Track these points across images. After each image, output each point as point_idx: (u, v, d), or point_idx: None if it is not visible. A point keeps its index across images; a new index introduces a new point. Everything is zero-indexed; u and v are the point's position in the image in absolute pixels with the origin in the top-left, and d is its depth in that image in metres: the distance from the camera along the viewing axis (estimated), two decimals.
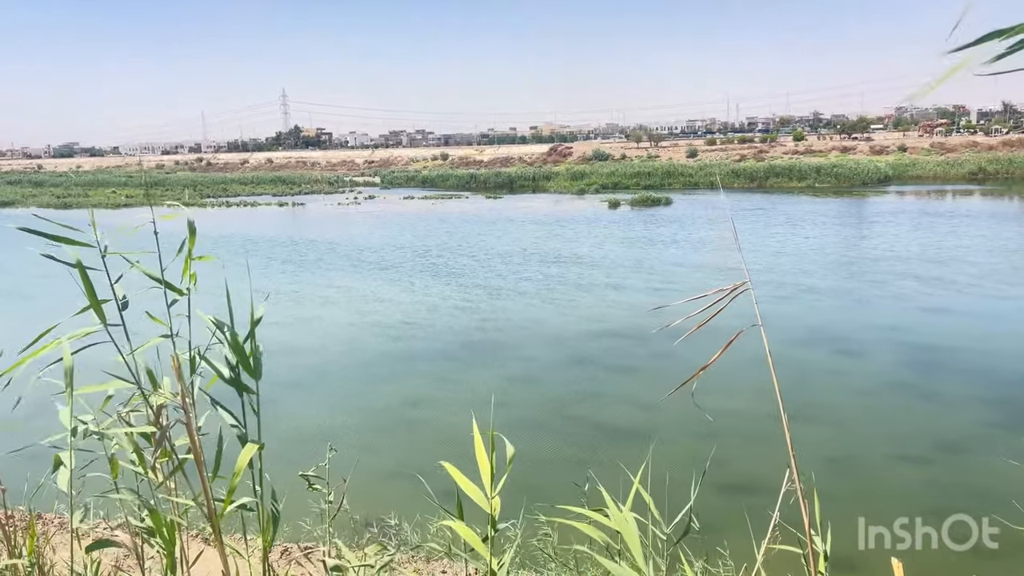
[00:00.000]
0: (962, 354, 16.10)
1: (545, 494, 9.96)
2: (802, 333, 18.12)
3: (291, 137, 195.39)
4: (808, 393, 13.94)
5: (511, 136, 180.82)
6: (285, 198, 76.04)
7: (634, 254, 31.85)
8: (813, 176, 70.72)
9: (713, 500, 9.91)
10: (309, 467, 4.92)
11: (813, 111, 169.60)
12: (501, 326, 19.62)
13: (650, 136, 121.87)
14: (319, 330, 19.81)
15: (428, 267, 29.77)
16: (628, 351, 16.96)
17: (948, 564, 7.35)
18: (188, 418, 2.51)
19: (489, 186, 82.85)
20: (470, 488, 2.57)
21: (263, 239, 40.89)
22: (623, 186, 74.34)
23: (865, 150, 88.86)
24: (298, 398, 14.50)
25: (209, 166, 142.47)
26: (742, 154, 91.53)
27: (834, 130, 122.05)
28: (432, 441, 12.21)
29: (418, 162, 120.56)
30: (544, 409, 13.61)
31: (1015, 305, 20.66)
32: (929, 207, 49.16)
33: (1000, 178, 69.20)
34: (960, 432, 12.10)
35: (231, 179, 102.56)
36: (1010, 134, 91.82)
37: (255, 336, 2.64)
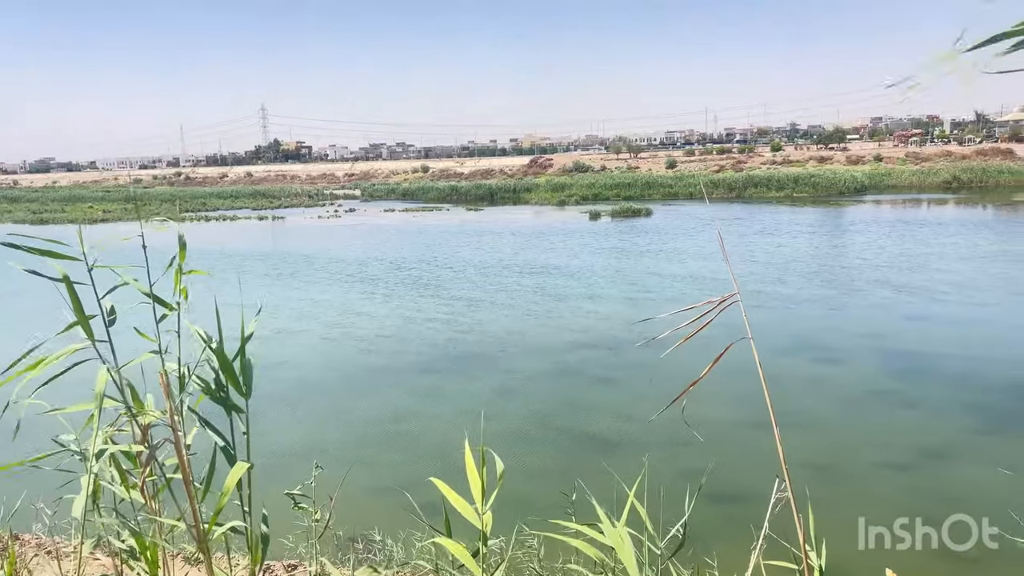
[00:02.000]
0: (942, 361, 16.26)
1: (533, 508, 9.90)
2: (784, 341, 18.23)
3: (270, 151, 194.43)
4: (791, 401, 14.01)
5: (491, 148, 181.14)
6: (265, 212, 75.59)
7: (617, 265, 31.94)
8: (791, 186, 71.44)
9: (702, 510, 9.89)
10: (293, 483, 4.86)
11: (790, 122, 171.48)
12: (483, 338, 19.57)
13: (629, 147, 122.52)
14: (298, 344, 19.66)
15: (408, 280, 29.68)
16: (611, 362, 16.98)
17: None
18: (176, 437, 2.46)
19: (470, 198, 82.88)
20: (461, 504, 2.54)
21: (240, 253, 40.60)
22: (603, 197, 74.68)
23: (842, 160, 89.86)
24: (280, 413, 14.35)
25: (188, 180, 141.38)
26: (720, 164, 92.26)
27: (811, 140, 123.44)
28: (417, 455, 12.12)
29: (398, 175, 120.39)
30: (529, 421, 13.57)
31: (991, 312, 20.93)
32: (905, 216, 49.78)
33: (974, 187, 70.30)
34: (942, 438, 12.20)
35: (210, 193, 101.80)
36: (983, 144, 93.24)
37: (245, 353, 2.59)
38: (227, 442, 2.51)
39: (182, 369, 2.56)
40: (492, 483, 2.72)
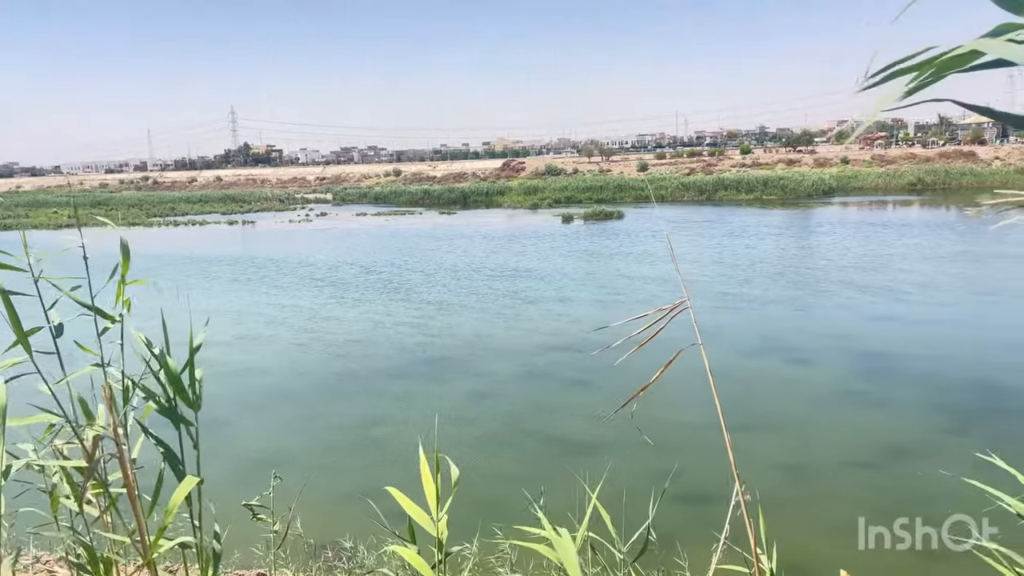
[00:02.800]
0: (908, 361, 16.51)
1: (504, 511, 9.90)
2: (753, 343, 18.41)
3: (240, 154, 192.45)
4: (761, 402, 14.14)
5: (464, 152, 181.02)
6: (235, 216, 74.79)
7: (589, 268, 32.05)
8: (760, 188, 72.25)
9: (675, 512, 9.95)
10: (262, 491, 4.79)
11: (759, 125, 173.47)
12: (453, 342, 19.52)
13: (601, 151, 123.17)
14: (266, 350, 19.46)
15: (379, 284, 29.52)
16: (581, 364, 17.00)
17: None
18: (120, 451, 2.40)
19: (443, 202, 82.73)
20: (416, 512, 2.51)
21: (209, 258, 40.11)
22: (576, 200, 74.96)
23: (809, 162, 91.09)
24: (249, 420, 14.19)
25: (156, 185, 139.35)
26: (691, 168, 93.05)
27: (780, 143, 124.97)
28: (387, 461, 12.04)
29: (370, 178, 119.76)
30: (500, 425, 13.55)
31: (955, 312, 21.32)
32: (871, 217, 50.58)
33: (937, 188, 71.71)
34: (910, 438, 12.37)
35: (179, 198, 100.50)
36: (946, 146, 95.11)
37: (194, 365, 2.53)
38: (175, 455, 2.46)
39: (126, 381, 2.50)
40: (448, 490, 2.69)
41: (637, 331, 2.34)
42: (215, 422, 13.65)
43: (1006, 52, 1.27)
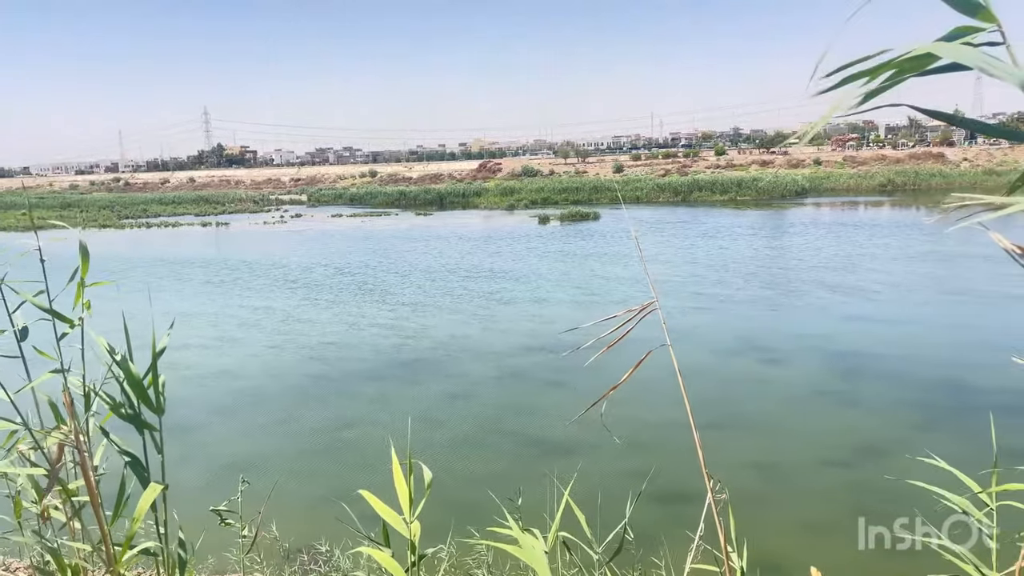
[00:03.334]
0: (880, 360, 16.73)
1: (480, 512, 9.86)
2: (727, 342, 18.55)
3: (214, 156, 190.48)
4: (735, 401, 14.26)
5: (440, 153, 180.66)
6: (208, 218, 73.99)
7: (566, 268, 32.10)
8: (735, 189, 72.94)
9: (647, 511, 9.98)
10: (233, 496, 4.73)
11: (733, 126, 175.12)
12: (429, 344, 19.45)
13: (577, 152, 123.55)
14: (240, 352, 19.26)
15: (354, 285, 29.35)
16: (556, 365, 17.02)
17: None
18: (82, 458, 2.35)
19: (419, 203, 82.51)
20: (390, 515, 2.49)
21: (181, 260, 39.64)
22: (552, 201, 75.15)
23: (783, 164, 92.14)
24: (221, 424, 14.04)
25: (128, 186, 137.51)
26: (666, 169, 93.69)
27: (753, 144, 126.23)
28: (362, 463, 11.96)
29: (346, 179, 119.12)
30: (477, 426, 13.52)
31: (925, 311, 21.64)
32: (843, 218, 51.23)
33: (908, 189, 72.92)
34: (881, 436, 12.53)
35: (151, 199, 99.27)
36: (916, 147, 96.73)
37: (157, 369, 2.49)
38: (139, 462, 2.41)
39: (87, 387, 2.45)
40: (421, 492, 2.68)
41: (607, 332, 2.34)
42: (187, 426, 13.48)
43: (960, 56, 1.26)
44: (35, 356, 2.80)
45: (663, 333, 2.85)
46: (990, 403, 13.86)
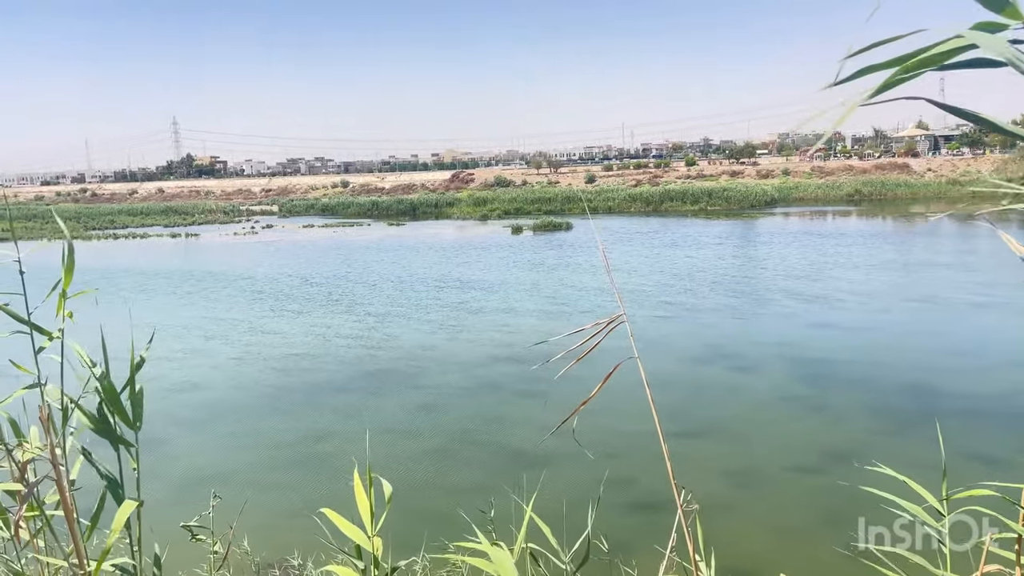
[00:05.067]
0: (846, 366, 17.02)
1: (455, 523, 9.87)
2: (697, 351, 18.74)
3: (183, 166, 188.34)
4: (705, 409, 14.42)
5: (412, 163, 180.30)
6: (178, 229, 73.15)
7: (537, 278, 32.20)
8: (705, 199, 73.74)
9: (621, 520, 10.06)
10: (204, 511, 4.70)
11: (703, 137, 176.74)
12: (399, 354, 19.41)
13: (550, 162, 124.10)
14: (208, 365, 19.06)
15: (323, 296, 29.20)
16: (527, 376, 17.08)
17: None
18: (58, 472, 2.36)
19: (391, 213, 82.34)
20: (352, 531, 2.52)
21: (150, 271, 39.14)
22: (525, 211, 75.40)
23: (752, 174, 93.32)
24: (191, 437, 13.90)
25: (95, 197, 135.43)
26: (638, 179, 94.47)
27: (723, 155, 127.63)
28: (332, 476, 11.90)
29: (318, 190, 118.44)
30: (447, 437, 13.53)
31: (890, 318, 22.04)
32: (811, 227, 52.01)
33: (874, 199, 74.24)
34: (847, 440, 12.74)
35: (119, 210, 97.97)
36: (881, 158, 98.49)
37: (135, 384, 2.50)
38: (114, 478, 2.41)
39: (65, 401, 2.45)
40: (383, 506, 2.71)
41: (577, 344, 2.40)
42: (153, 440, 13.32)
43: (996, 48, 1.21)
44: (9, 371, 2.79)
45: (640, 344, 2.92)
46: (952, 408, 14.18)
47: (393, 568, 3.10)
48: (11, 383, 2.75)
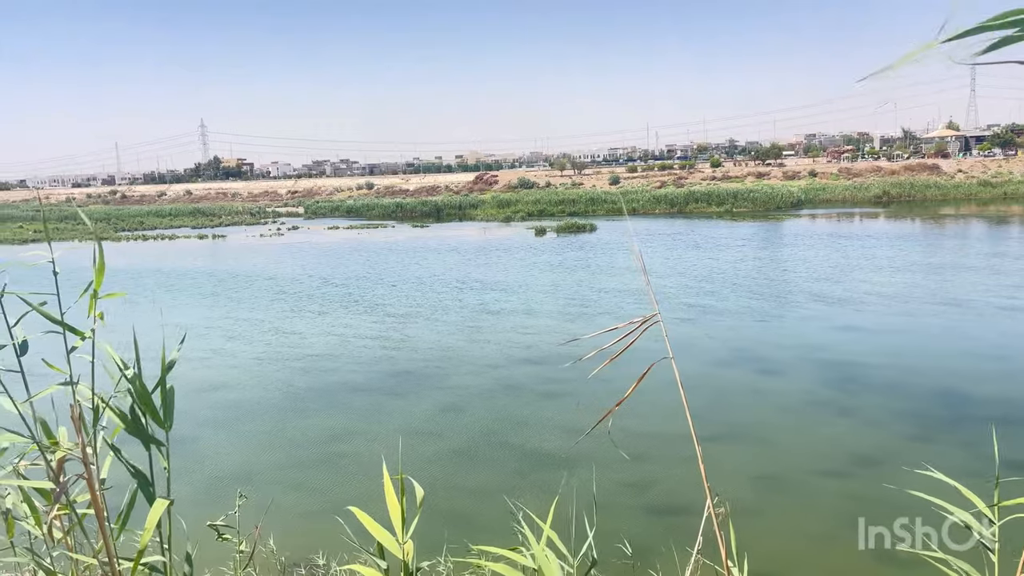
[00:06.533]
0: (874, 370, 16.77)
1: (478, 525, 9.87)
2: (723, 353, 18.58)
3: (211, 168, 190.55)
4: (731, 412, 14.27)
5: (437, 165, 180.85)
6: (205, 231, 74.01)
7: (562, 280, 32.13)
8: (731, 201, 73.15)
9: (646, 523, 9.99)
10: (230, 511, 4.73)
11: (729, 138, 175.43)
12: (423, 356, 19.44)
13: (574, 164, 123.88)
14: (237, 366, 19.22)
15: (348, 298, 29.35)
16: (552, 376, 17.04)
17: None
18: (89, 472, 2.37)
19: (416, 215, 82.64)
20: (382, 534, 2.50)
21: (178, 272, 39.63)
22: (548, 213, 75.33)
23: (778, 175, 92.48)
24: (217, 437, 14.01)
25: (124, 199, 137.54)
26: (662, 181, 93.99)
27: (749, 156, 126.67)
28: (358, 475, 11.95)
29: (343, 192, 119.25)
30: (470, 438, 13.52)
31: (919, 322, 21.69)
32: (839, 229, 51.40)
33: (903, 201, 73.20)
34: (877, 445, 12.55)
35: (147, 212, 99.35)
36: (910, 159, 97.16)
37: (166, 384, 2.51)
38: (145, 476, 2.42)
39: (96, 400, 2.47)
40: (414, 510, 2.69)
41: (608, 344, 2.37)
42: (179, 439, 13.46)
43: None
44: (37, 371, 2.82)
45: (659, 344, 2.88)
46: (985, 414, 13.91)
47: (416, 568, 3.09)
48: (44, 382, 2.77)
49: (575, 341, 17.63)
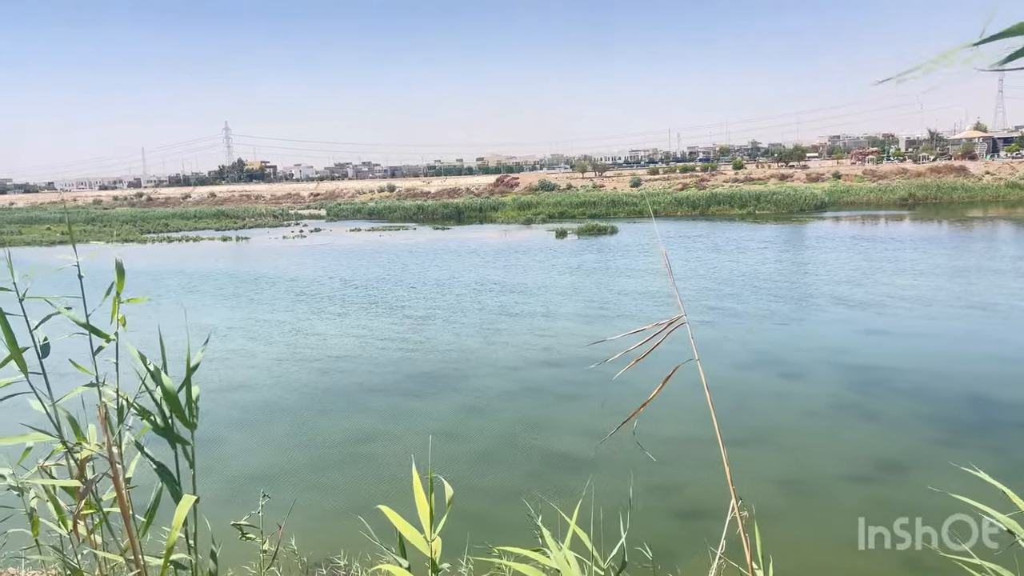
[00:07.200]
0: (899, 374, 16.56)
1: (498, 527, 9.87)
2: (745, 357, 18.43)
3: (234, 171, 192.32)
4: (755, 416, 14.16)
5: (458, 167, 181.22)
6: (229, 232, 74.72)
7: (583, 283, 32.07)
8: (753, 203, 72.53)
9: (668, 526, 9.93)
10: (253, 511, 4.77)
11: (751, 140, 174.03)
12: (442, 357, 19.48)
13: (595, 166, 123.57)
14: (249, 365, 19.37)
15: (368, 299, 29.48)
16: (574, 379, 17.00)
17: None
18: (115, 470, 2.40)
19: (437, 217, 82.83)
20: (409, 531, 2.50)
21: (202, 274, 40.03)
22: (569, 215, 75.21)
23: (802, 177, 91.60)
24: (240, 437, 14.13)
25: (150, 201, 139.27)
26: (684, 183, 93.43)
27: (772, 158, 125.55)
28: (381, 476, 12.00)
29: (364, 194, 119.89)
30: (495, 440, 13.52)
31: (943, 325, 21.40)
32: (864, 232, 50.83)
33: (929, 203, 72.18)
34: (902, 450, 12.40)
35: (172, 214, 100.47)
36: (936, 161, 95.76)
37: (191, 384, 2.53)
38: (171, 474, 2.45)
39: (121, 400, 2.50)
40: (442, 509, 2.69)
41: (632, 346, 2.36)
42: (202, 439, 13.59)
43: None
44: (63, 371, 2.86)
45: (681, 346, 2.86)
46: (1013, 419, 13.69)
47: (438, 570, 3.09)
48: (71, 383, 2.81)
49: (600, 343, 17.58)
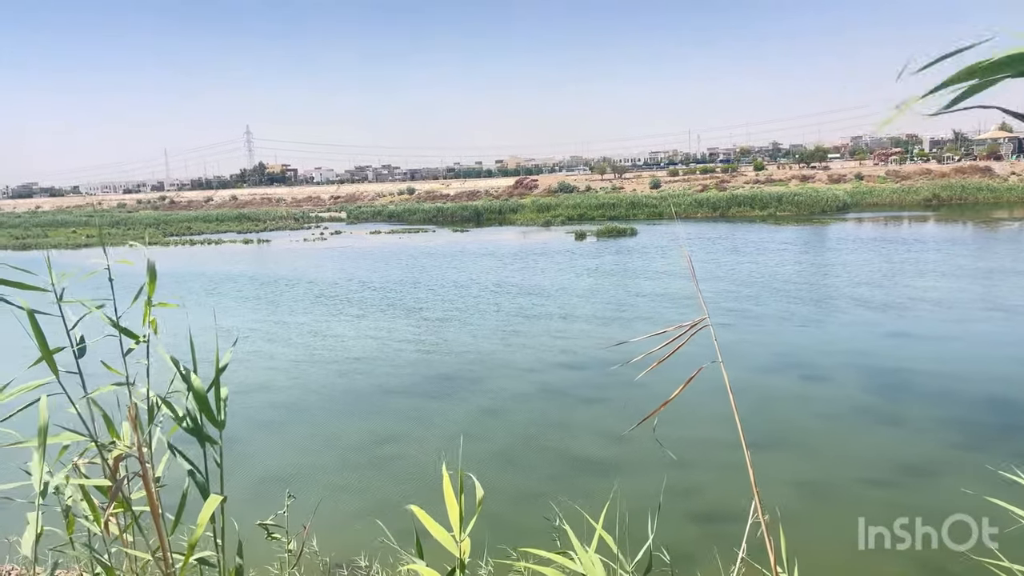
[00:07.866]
0: (922, 377, 16.39)
1: (517, 530, 9.88)
2: (766, 359, 18.32)
3: (256, 174, 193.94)
4: (775, 419, 14.07)
5: (477, 170, 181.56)
6: (250, 235, 75.38)
7: (603, 284, 32.03)
8: (774, 205, 72.02)
9: (687, 530, 9.90)
10: (278, 511, 4.83)
11: (772, 141, 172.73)
12: (461, 359, 19.53)
13: (614, 168, 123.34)
14: (269, 366, 19.52)
15: (389, 302, 29.62)
16: (592, 382, 16.99)
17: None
18: (144, 469, 2.45)
19: (456, 219, 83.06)
20: (438, 530, 2.53)
21: (224, 276, 40.42)
22: (588, 217, 75.11)
23: (823, 178, 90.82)
24: (262, 438, 14.26)
25: (173, 204, 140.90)
26: (704, 184, 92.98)
27: (793, 159, 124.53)
28: (403, 478, 12.06)
29: (384, 197, 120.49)
30: (513, 442, 13.54)
31: (969, 328, 21.13)
32: (887, 233, 50.30)
33: (953, 204, 71.28)
34: (926, 455, 12.27)
35: (195, 217, 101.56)
36: (961, 161, 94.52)
37: (220, 384, 2.58)
38: (200, 473, 2.50)
39: (151, 400, 2.55)
40: (472, 508, 2.71)
41: (655, 348, 2.37)
42: (224, 440, 13.72)
43: None
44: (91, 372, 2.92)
45: (702, 348, 2.87)
46: None
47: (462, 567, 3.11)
48: (101, 383, 2.88)
49: (621, 344, 17.55)
